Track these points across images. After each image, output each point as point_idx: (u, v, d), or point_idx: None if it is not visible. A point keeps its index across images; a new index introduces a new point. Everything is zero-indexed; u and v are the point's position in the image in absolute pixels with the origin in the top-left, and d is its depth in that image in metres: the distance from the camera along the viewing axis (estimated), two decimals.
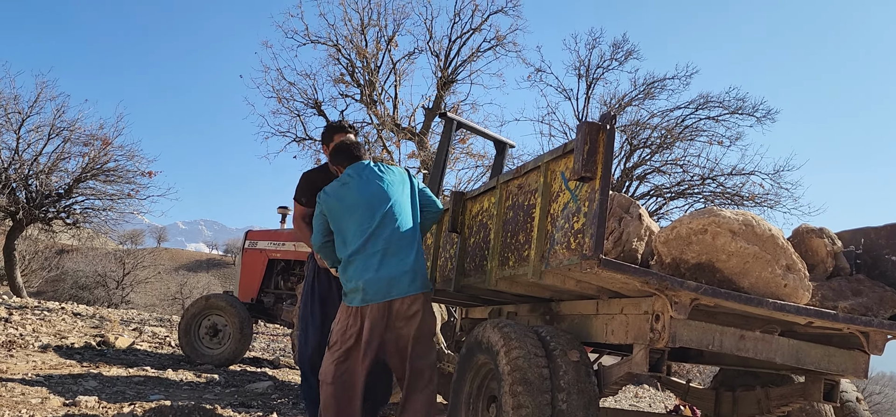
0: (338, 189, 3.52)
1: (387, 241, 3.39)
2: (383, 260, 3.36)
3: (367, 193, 3.47)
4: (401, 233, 3.44)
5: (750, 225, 2.69)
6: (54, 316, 9.98)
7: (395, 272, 3.34)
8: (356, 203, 3.46)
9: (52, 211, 16.29)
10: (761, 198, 14.33)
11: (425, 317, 3.42)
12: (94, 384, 4.94)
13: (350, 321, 3.37)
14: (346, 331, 3.38)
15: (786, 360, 2.85)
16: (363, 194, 3.47)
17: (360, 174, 3.55)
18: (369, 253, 3.38)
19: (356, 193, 3.48)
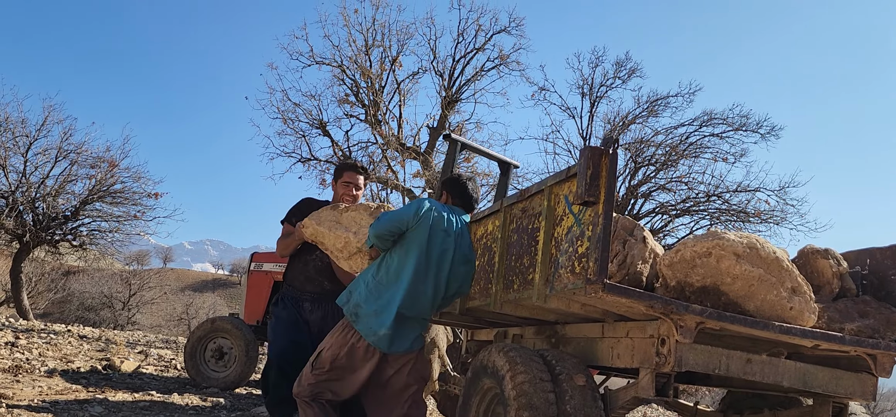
0: (438, 218, 3.53)
1: (420, 308, 3.48)
2: (407, 321, 3.44)
3: (442, 247, 3.51)
4: (431, 302, 3.53)
5: (754, 248, 2.69)
6: (60, 339, 10.00)
7: (409, 334, 3.44)
8: (431, 247, 3.48)
9: (59, 234, 16.36)
10: (767, 214, 14.29)
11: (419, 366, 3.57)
12: (100, 409, 4.94)
13: (348, 344, 3.39)
14: (339, 355, 3.40)
15: (793, 383, 2.84)
16: (440, 245, 3.51)
17: (454, 225, 3.60)
18: (405, 305, 3.41)
19: (440, 239, 3.51)
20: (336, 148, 15.68)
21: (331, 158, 15.85)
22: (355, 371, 3.38)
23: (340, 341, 3.39)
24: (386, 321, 3.34)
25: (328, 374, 3.38)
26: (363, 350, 3.35)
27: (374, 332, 3.36)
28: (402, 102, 15.96)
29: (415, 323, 3.47)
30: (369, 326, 3.35)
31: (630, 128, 15.38)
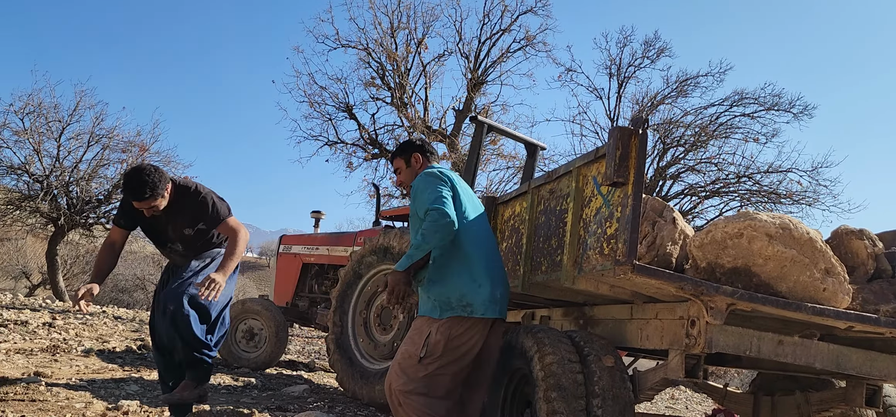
0: (453, 173, 3.26)
1: (499, 254, 3.28)
2: (505, 275, 3.24)
3: (473, 195, 3.31)
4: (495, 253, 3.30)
5: (787, 229, 2.66)
6: (96, 319, 10.23)
7: (504, 288, 3.22)
8: (473, 199, 3.28)
9: (93, 217, 16.69)
10: (799, 195, 14.05)
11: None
12: (136, 388, 5.05)
13: (456, 331, 3.06)
14: (452, 339, 3.06)
15: (826, 365, 2.80)
16: (472, 194, 3.30)
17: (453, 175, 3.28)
18: (496, 260, 3.21)
19: (469, 189, 3.29)
20: (362, 131, 15.74)
21: (357, 141, 15.93)
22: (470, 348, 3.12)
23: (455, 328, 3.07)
24: (502, 283, 3.16)
25: (440, 361, 3.07)
26: (486, 326, 3.14)
27: (499, 301, 3.13)
28: (427, 85, 15.94)
29: (501, 282, 3.24)
30: (491, 302, 3.10)
31: (658, 109, 15.19)
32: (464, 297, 3.05)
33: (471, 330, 3.06)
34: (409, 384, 3.04)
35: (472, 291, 3.06)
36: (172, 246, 3.92)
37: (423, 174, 3.22)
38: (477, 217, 3.24)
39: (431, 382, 3.05)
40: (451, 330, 3.04)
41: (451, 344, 3.04)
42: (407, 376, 3.06)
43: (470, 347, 3.08)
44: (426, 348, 3.04)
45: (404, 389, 3.05)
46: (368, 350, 5.92)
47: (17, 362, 5.58)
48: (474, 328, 3.07)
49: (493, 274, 3.14)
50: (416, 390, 3.04)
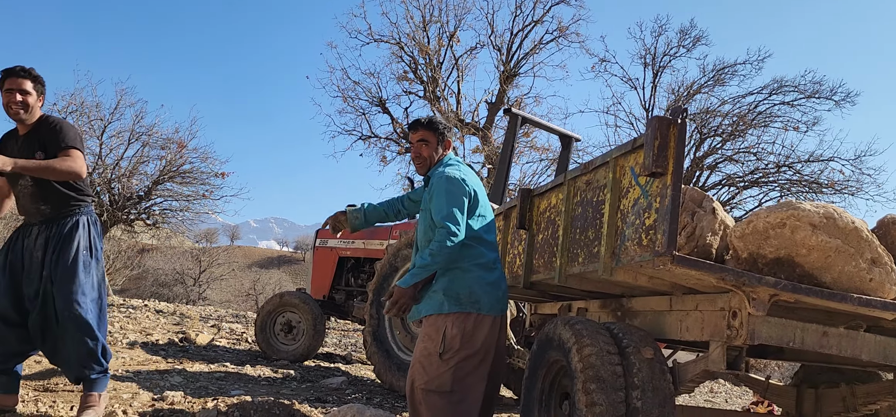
0: (470, 174, 3.34)
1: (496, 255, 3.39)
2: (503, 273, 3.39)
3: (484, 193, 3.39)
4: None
5: (831, 218, 2.60)
6: (139, 313, 10.49)
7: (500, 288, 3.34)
8: (485, 198, 3.36)
9: (134, 213, 17.11)
10: (841, 185, 13.74)
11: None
12: (180, 379, 5.18)
13: (469, 325, 3.14)
14: (472, 339, 3.14)
15: (872, 357, 2.74)
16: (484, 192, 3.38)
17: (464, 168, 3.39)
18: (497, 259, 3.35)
19: (481, 187, 3.37)
20: (396, 125, 15.82)
21: (390, 135, 16.01)
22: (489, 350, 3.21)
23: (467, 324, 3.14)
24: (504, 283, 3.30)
25: (459, 354, 3.11)
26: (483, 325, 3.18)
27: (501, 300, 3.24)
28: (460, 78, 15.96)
29: (504, 279, 3.40)
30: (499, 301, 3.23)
31: (695, 98, 14.98)
32: (473, 293, 3.15)
33: (482, 325, 3.16)
34: (432, 382, 3.11)
35: (481, 288, 3.16)
36: (23, 182, 3.62)
37: (447, 174, 3.23)
38: (489, 216, 3.36)
39: (455, 380, 3.11)
40: (464, 324, 3.12)
41: (467, 338, 3.12)
42: (428, 374, 3.12)
43: (484, 340, 3.17)
44: (444, 343, 3.10)
45: (426, 387, 3.11)
46: (405, 343, 5.97)
47: None
48: (485, 323, 3.16)
49: (500, 272, 3.29)
50: (438, 389, 3.10)
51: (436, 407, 3.09)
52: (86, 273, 3.57)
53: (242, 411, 3.68)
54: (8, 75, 3.55)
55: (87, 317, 3.49)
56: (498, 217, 4.48)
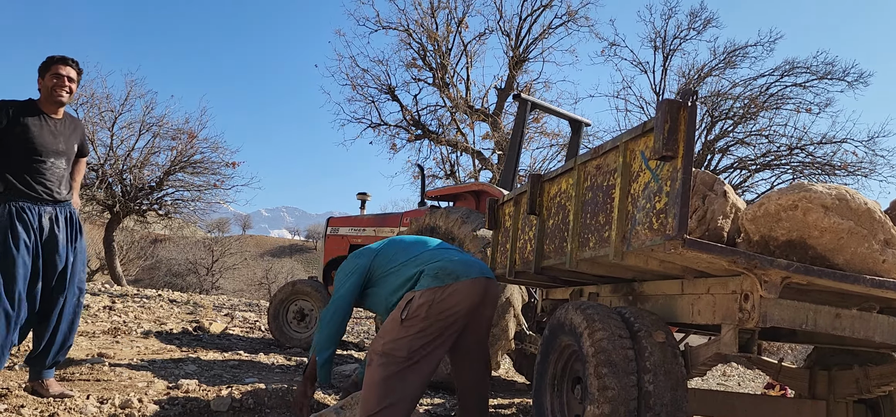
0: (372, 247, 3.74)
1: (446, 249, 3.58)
2: (457, 253, 3.48)
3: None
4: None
5: (844, 200, 2.59)
6: (153, 303, 10.58)
7: (473, 259, 3.42)
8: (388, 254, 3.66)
9: (146, 203, 17.23)
10: (854, 166, 13.61)
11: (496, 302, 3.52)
12: (194, 368, 5.23)
13: (440, 295, 3.20)
14: (436, 302, 3.18)
15: (885, 338, 2.73)
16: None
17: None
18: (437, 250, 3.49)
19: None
20: (405, 112, 15.81)
21: (400, 123, 16.01)
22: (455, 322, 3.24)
23: (427, 297, 3.20)
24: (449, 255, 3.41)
25: (422, 323, 3.16)
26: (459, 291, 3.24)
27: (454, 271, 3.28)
28: (469, 64, 15.91)
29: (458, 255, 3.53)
30: (446, 273, 3.27)
31: (706, 81, 14.86)
32: (443, 269, 3.27)
33: (456, 293, 3.21)
34: (387, 345, 3.15)
35: (448, 264, 3.31)
36: (56, 161, 3.78)
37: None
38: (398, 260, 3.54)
39: (410, 349, 3.13)
40: (435, 294, 3.19)
41: (435, 307, 3.17)
42: (385, 337, 3.18)
43: (454, 309, 3.20)
44: (407, 310, 3.18)
45: (381, 349, 3.15)
46: None
47: (80, 344, 5.82)
48: (459, 291, 3.22)
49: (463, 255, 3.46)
50: (390, 352, 3.13)
51: (379, 370, 3.10)
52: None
53: (256, 398, 3.71)
54: (59, 62, 3.80)
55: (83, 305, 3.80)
56: (508, 203, 4.48)
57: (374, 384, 3.09)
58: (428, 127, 15.74)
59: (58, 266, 3.74)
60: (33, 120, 3.71)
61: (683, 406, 2.75)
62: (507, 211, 4.48)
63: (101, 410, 3.40)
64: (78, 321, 3.92)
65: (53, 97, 3.77)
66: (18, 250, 3.55)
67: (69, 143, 3.88)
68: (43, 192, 3.71)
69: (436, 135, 15.56)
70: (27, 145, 3.65)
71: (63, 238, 3.76)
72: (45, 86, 3.77)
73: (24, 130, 3.65)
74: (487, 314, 3.44)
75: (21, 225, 3.59)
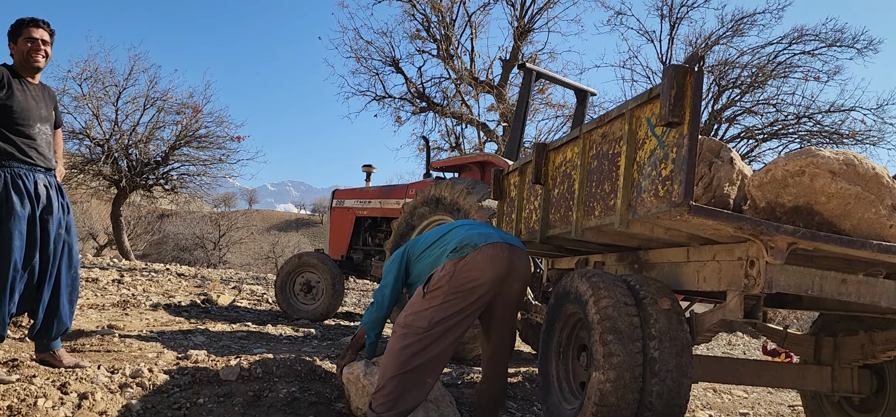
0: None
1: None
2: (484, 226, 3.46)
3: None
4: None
5: (852, 165, 2.57)
6: (161, 276, 10.66)
7: (510, 236, 3.41)
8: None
9: (152, 178, 17.28)
10: (863, 135, 13.52)
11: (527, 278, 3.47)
12: (202, 339, 5.28)
13: (461, 266, 3.16)
14: (457, 273, 3.14)
15: (892, 303, 2.73)
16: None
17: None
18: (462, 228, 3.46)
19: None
20: (410, 84, 15.73)
21: (404, 95, 15.94)
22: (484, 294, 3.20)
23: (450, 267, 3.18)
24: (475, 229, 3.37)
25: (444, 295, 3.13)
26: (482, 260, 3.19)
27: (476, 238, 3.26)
28: (473, 35, 15.78)
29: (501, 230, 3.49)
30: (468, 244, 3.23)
31: (713, 50, 14.71)
32: (461, 241, 3.25)
33: (475, 260, 3.17)
34: (410, 316, 3.16)
35: (465, 234, 3.28)
36: (42, 128, 3.74)
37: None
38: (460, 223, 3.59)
39: (432, 321, 3.11)
40: (456, 266, 3.17)
41: (457, 278, 3.14)
42: (410, 309, 3.20)
43: (476, 278, 3.15)
44: (429, 283, 3.18)
45: (403, 321, 3.17)
46: None
47: (90, 316, 5.87)
48: (479, 258, 3.17)
49: (486, 227, 3.41)
50: (413, 323, 3.13)
51: (399, 340, 3.11)
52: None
53: (265, 367, 3.75)
54: (30, 24, 3.69)
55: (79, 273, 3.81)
56: (513, 173, 4.47)
57: (393, 352, 3.12)
58: (432, 99, 15.67)
59: (51, 233, 3.70)
60: (17, 86, 3.65)
61: (688, 372, 2.77)
62: (513, 182, 4.48)
63: (111, 380, 3.44)
64: (77, 292, 3.93)
65: (30, 63, 3.69)
66: (15, 218, 3.53)
67: (49, 110, 3.82)
68: (37, 158, 3.68)
69: (440, 107, 15.50)
70: (15, 111, 3.59)
71: (57, 206, 3.75)
72: (18, 51, 3.68)
73: (10, 96, 3.58)
74: (516, 288, 3.37)
75: (16, 193, 3.56)
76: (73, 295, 3.90)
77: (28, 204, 3.61)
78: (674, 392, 2.73)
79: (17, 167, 3.60)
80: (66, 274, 3.82)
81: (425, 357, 3.10)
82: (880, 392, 3.43)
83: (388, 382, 3.05)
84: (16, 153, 3.59)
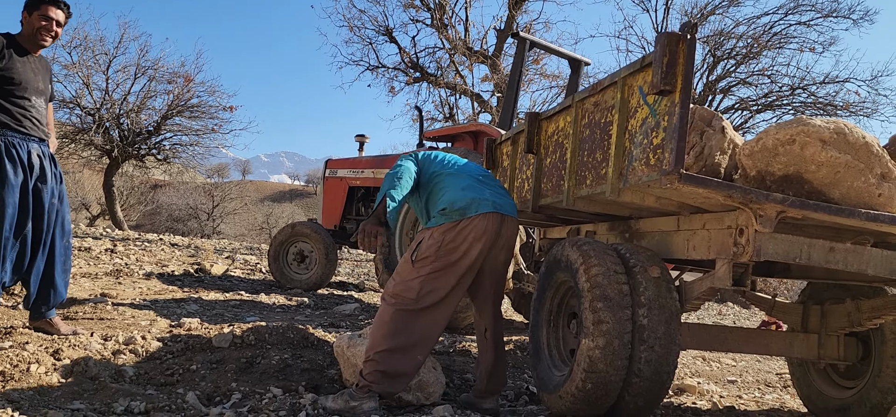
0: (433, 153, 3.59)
1: (495, 181, 3.47)
2: (492, 188, 3.36)
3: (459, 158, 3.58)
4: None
5: (842, 133, 2.58)
6: (154, 246, 10.65)
7: (503, 199, 3.33)
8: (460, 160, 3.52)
9: (144, 148, 17.18)
10: (857, 106, 13.55)
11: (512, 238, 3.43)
12: (195, 307, 5.29)
13: (450, 236, 3.10)
14: (445, 244, 3.09)
15: (878, 271, 2.75)
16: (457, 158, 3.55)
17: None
18: (487, 178, 3.40)
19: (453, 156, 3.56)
20: (403, 54, 15.63)
21: (398, 65, 15.84)
22: (475, 260, 3.15)
23: (440, 233, 3.12)
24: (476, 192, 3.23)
25: (432, 264, 3.09)
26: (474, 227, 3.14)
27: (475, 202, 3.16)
28: (468, 4, 15.66)
29: (505, 192, 3.41)
30: (467, 207, 3.15)
31: (709, 20, 14.64)
32: (453, 204, 3.14)
33: (464, 231, 3.10)
34: (398, 286, 3.12)
35: (459, 196, 3.16)
36: (37, 100, 3.74)
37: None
38: (463, 161, 3.46)
39: (422, 290, 3.07)
40: (445, 235, 3.09)
41: (444, 248, 3.08)
42: (398, 278, 3.15)
43: (464, 249, 3.10)
44: (418, 250, 3.12)
45: (392, 291, 3.13)
46: None
47: (83, 285, 5.88)
48: (467, 228, 3.10)
49: (480, 184, 3.28)
50: (402, 293, 3.09)
51: (388, 311, 3.08)
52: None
53: (257, 334, 3.76)
54: (54, 3, 3.67)
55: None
56: (506, 142, 4.46)
57: (381, 324, 3.09)
58: (426, 69, 15.59)
59: (46, 203, 3.70)
60: (18, 55, 3.63)
61: (676, 339, 2.80)
62: (505, 151, 4.48)
63: (105, 346, 3.46)
64: (70, 261, 3.93)
65: (37, 39, 3.68)
66: (8, 187, 3.52)
67: (46, 83, 3.82)
68: (32, 128, 3.67)
69: (434, 77, 15.41)
70: (14, 81, 3.58)
71: (51, 176, 3.74)
72: (30, 24, 3.67)
73: (10, 66, 3.57)
74: (502, 258, 3.34)
75: (10, 161, 3.55)
76: (67, 265, 3.89)
77: (21, 173, 3.60)
78: (662, 359, 2.76)
79: (11, 136, 3.59)
80: (59, 242, 3.81)
81: (415, 332, 3.07)
82: (865, 360, 3.48)
83: (378, 355, 3.03)
84: (10, 122, 3.58)
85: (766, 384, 4.94)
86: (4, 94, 3.58)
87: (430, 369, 3.43)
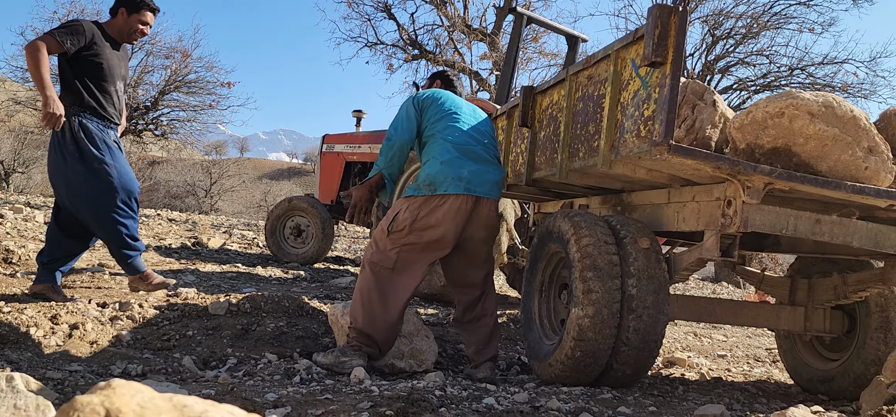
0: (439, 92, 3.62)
1: (485, 147, 3.50)
2: (483, 162, 3.42)
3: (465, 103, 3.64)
4: (483, 134, 3.56)
5: (830, 107, 2.61)
6: (152, 221, 10.68)
7: (491, 177, 3.41)
8: (464, 106, 3.59)
9: (142, 124, 17.14)
10: (855, 88, 13.55)
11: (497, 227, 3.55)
12: (193, 278, 5.34)
13: (424, 211, 3.23)
14: (419, 219, 3.23)
15: (863, 244, 2.80)
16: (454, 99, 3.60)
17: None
18: (472, 147, 3.42)
19: (459, 100, 3.62)
20: (402, 31, 15.57)
21: (397, 42, 15.79)
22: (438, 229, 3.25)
23: (417, 205, 3.26)
24: (469, 166, 3.32)
25: (406, 237, 3.25)
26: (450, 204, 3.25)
27: (458, 177, 3.26)
28: None
29: (490, 163, 3.46)
30: (455, 181, 3.26)
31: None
32: (429, 177, 3.28)
33: (437, 210, 3.23)
34: (376, 254, 3.29)
35: (436, 171, 3.27)
36: (119, 86, 3.90)
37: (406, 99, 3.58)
38: (463, 116, 3.51)
39: (398, 260, 3.26)
40: (419, 209, 3.25)
41: (418, 224, 3.24)
42: (376, 246, 3.32)
43: (435, 226, 3.23)
44: (394, 222, 3.28)
45: (370, 259, 3.30)
46: None
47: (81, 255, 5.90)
48: (439, 208, 3.23)
49: (462, 157, 3.34)
50: (380, 262, 3.26)
51: (369, 278, 3.25)
52: None
53: (253, 303, 3.81)
54: (152, 11, 3.89)
55: None
56: (501, 116, 4.49)
57: (361, 291, 3.26)
58: (425, 46, 15.54)
59: None
60: (107, 44, 3.79)
61: (664, 310, 2.85)
62: (500, 125, 4.50)
63: (102, 313, 3.50)
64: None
65: (129, 38, 3.88)
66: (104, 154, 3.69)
67: (126, 70, 4.02)
68: (112, 114, 3.83)
69: (433, 54, 15.37)
70: (102, 69, 3.73)
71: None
72: (127, 23, 3.83)
73: (100, 53, 3.72)
74: (480, 236, 3.41)
75: (92, 143, 3.68)
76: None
77: (107, 151, 3.75)
78: (650, 328, 2.82)
79: (97, 122, 3.74)
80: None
81: (390, 295, 3.24)
82: (851, 332, 3.54)
83: (361, 317, 3.21)
84: (98, 108, 3.74)
85: (755, 358, 5.00)
86: (94, 80, 3.72)
87: (423, 337, 3.49)
